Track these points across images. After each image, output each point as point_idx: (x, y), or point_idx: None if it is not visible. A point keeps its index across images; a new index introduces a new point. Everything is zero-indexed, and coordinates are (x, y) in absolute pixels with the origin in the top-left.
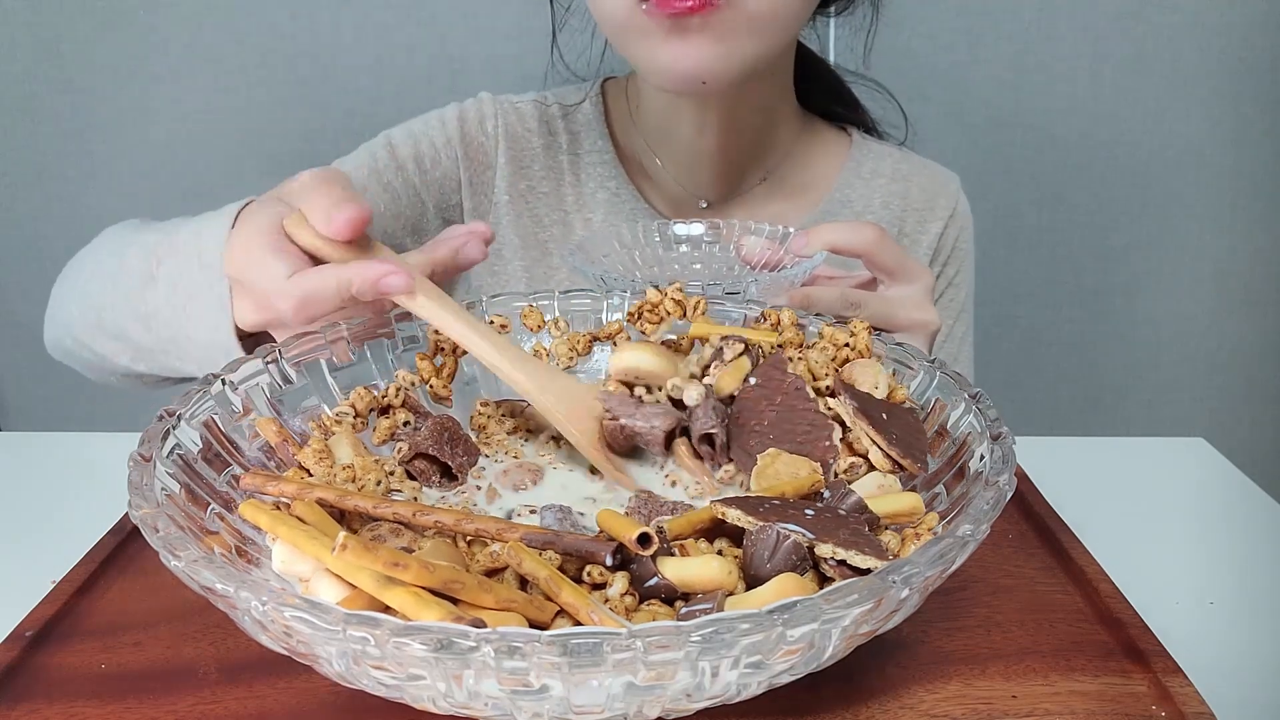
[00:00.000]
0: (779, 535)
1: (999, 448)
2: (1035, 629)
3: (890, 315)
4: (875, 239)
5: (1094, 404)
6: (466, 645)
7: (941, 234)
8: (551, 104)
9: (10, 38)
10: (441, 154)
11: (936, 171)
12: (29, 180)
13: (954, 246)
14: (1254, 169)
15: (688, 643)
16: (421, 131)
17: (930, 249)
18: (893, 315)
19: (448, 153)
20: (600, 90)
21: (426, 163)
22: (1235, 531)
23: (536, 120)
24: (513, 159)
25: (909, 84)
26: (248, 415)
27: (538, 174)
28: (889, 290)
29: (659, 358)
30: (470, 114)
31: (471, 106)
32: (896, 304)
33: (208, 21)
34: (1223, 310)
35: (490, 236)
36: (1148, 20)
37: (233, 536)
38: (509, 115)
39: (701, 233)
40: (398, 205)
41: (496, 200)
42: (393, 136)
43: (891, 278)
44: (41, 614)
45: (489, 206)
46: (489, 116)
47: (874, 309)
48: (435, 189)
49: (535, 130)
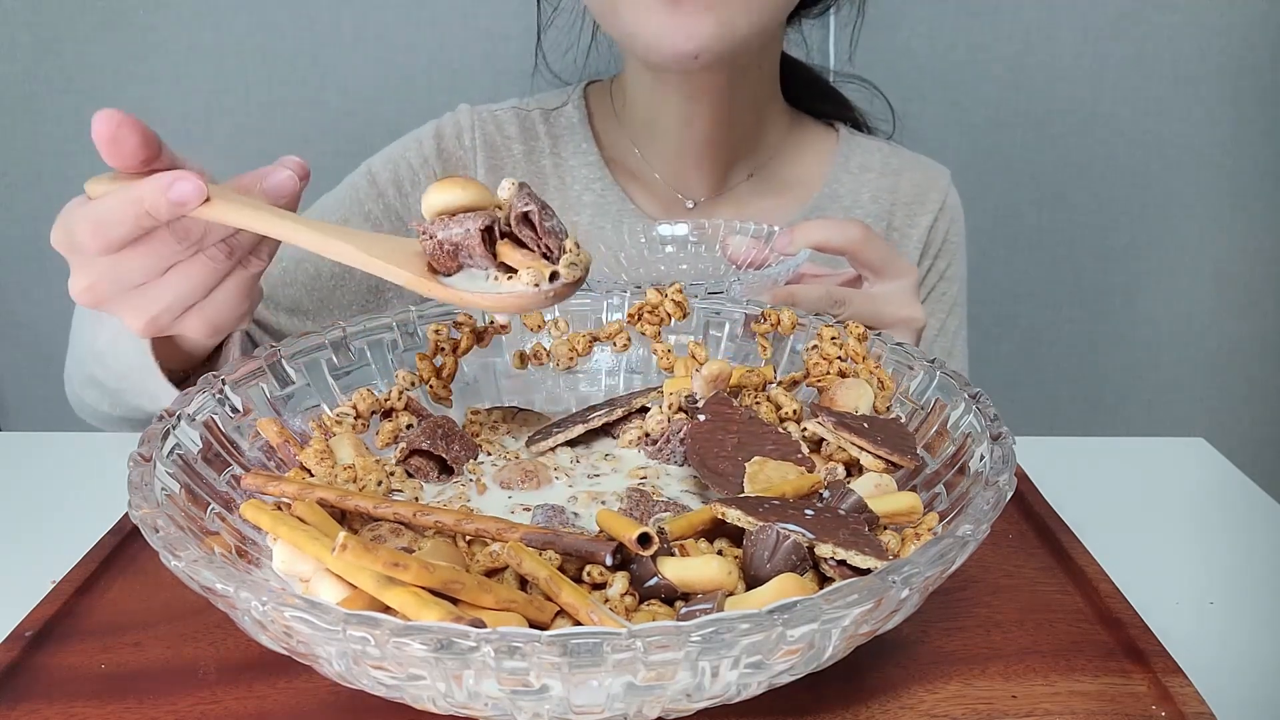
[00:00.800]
0: (779, 535)
1: (999, 448)
2: (1035, 629)
3: (876, 312)
4: (860, 236)
5: (1094, 404)
6: (466, 645)
7: (931, 227)
8: (532, 109)
9: (10, 38)
10: (419, 174)
11: (926, 165)
12: (29, 180)
13: (945, 239)
14: (1254, 169)
15: (688, 643)
16: (400, 155)
17: (920, 243)
18: (878, 312)
19: (425, 172)
20: (583, 94)
21: (406, 185)
22: (1235, 531)
23: (516, 127)
24: (492, 169)
25: (909, 84)
26: (248, 415)
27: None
28: (874, 287)
29: (467, 189)
30: (447, 130)
31: (449, 121)
32: (882, 301)
33: (208, 21)
34: (1223, 310)
35: (305, 169)
36: (1148, 20)
37: (233, 537)
38: (487, 125)
39: (686, 233)
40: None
41: None
42: (373, 165)
43: (877, 274)
44: (41, 614)
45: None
46: (466, 130)
47: (859, 306)
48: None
49: (515, 137)
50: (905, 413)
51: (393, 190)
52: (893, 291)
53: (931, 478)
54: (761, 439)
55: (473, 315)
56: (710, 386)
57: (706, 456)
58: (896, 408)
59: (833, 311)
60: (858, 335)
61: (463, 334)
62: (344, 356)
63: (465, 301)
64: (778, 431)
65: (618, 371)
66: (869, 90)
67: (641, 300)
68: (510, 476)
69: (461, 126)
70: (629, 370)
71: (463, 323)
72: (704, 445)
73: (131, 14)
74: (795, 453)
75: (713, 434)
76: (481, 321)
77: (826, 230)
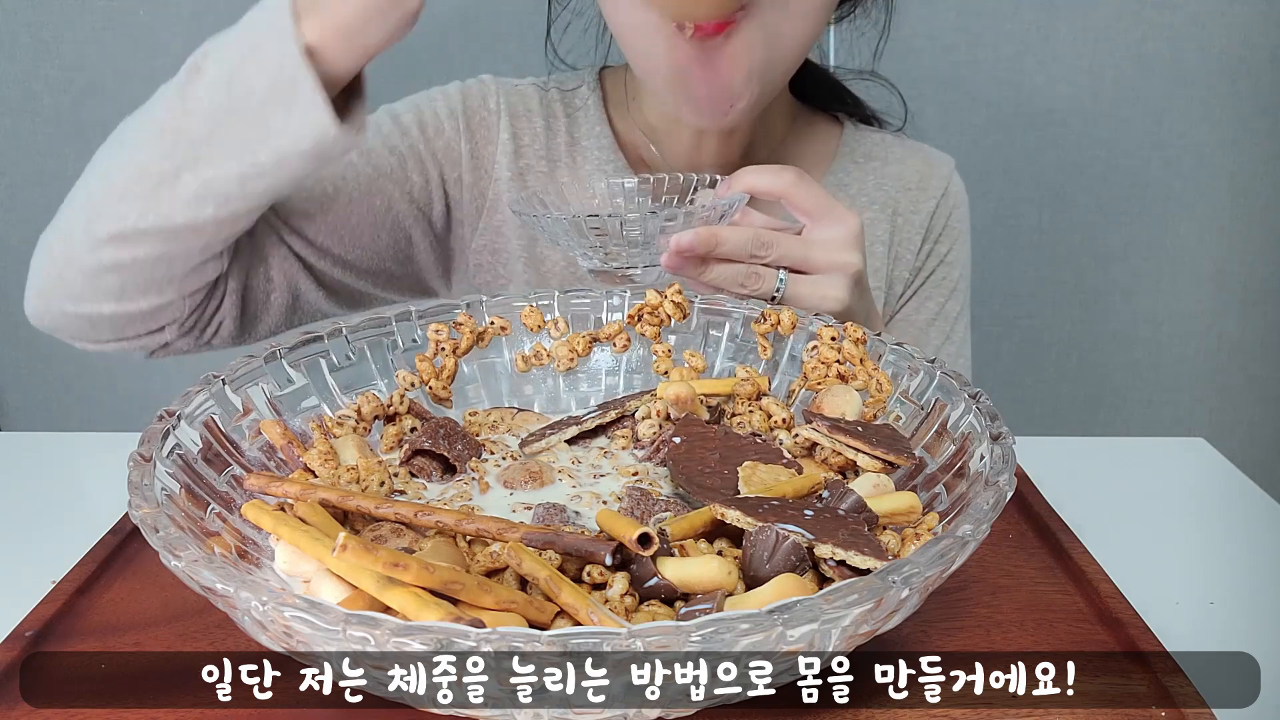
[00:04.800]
0: (778, 536)
1: (999, 448)
2: (1035, 629)
3: (805, 256)
4: (792, 180)
5: (1094, 404)
6: (466, 645)
7: (934, 212)
8: (550, 88)
9: (10, 38)
10: (445, 123)
11: (930, 154)
12: (29, 180)
13: (946, 224)
14: (1254, 169)
15: (688, 643)
16: (425, 103)
17: (923, 227)
18: (808, 256)
19: (451, 123)
20: (598, 78)
21: (430, 130)
22: (1235, 531)
23: (538, 102)
24: (515, 136)
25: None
26: (248, 415)
27: (537, 154)
28: (811, 233)
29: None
30: (473, 90)
31: (474, 84)
32: (815, 246)
33: (207, 21)
34: (1223, 310)
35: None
36: (1148, 20)
37: (233, 537)
38: (511, 95)
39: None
40: (405, 169)
41: (497, 176)
42: (394, 107)
43: (812, 219)
44: (41, 614)
45: (489, 183)
46: (491, 94)
47: (785, 249)
48: (439, 158)
49: (536, 111)
50: (906, 413)
51: (417, 131)
52: (829, 239)
53: (931, 478)
54: (743, 451)
55: (472, 316)
56: (679, 409)
57: (693, 475)
58: (896, 408)
59: (759, 253)
60: (855, 338)
61: (463, 334)
62: (344, 357)
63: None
64: (757, 442)
65: (618, 372)
66: (880, 87)
67: (641, 301)
68: (514, 476)
69: (487, 91)
70: (629, 371)
71: (463, 323)
72: (687, 465)
73: (131, 14)
74: (779, 459)
75: (692, 452)
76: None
77: (760, 175)
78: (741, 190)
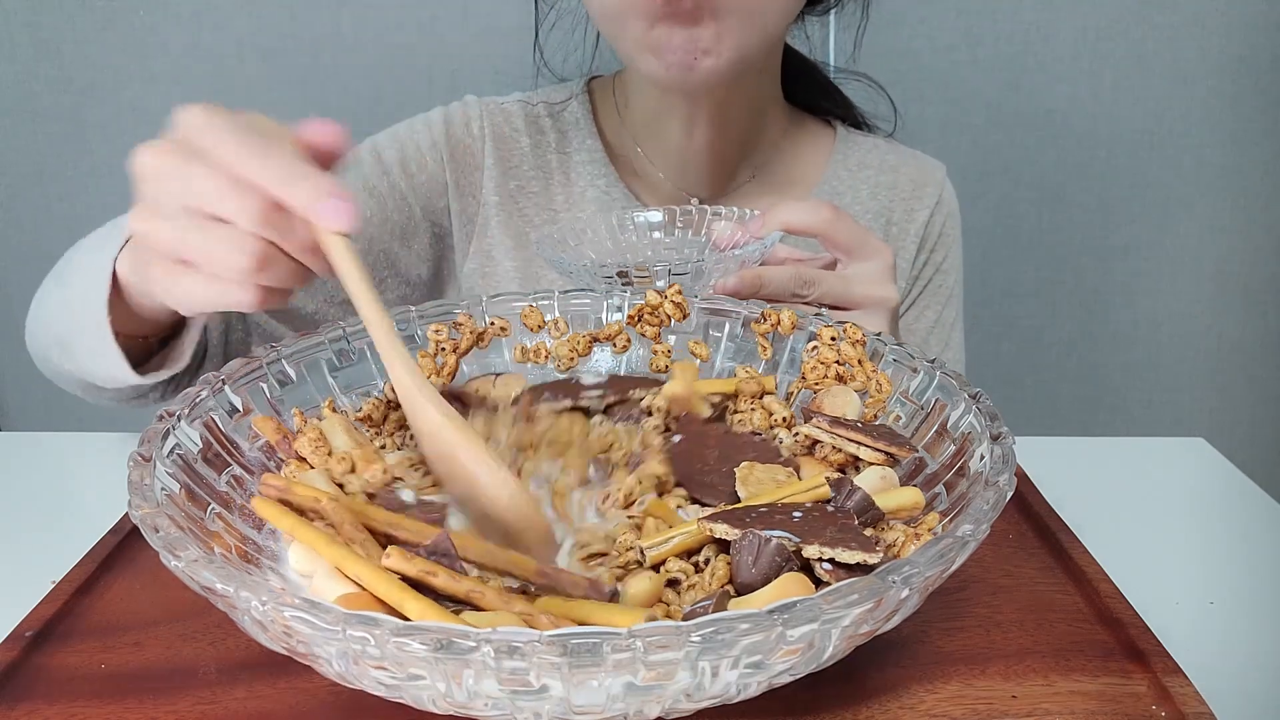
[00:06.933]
0: (761, 540)
1: (999, 448)
2: (1035, 629)
3: (846, 293)
4: (829, 217)
5: (1094, 404)
6: (466, 645)
7: (928, 221)
8: (537, 104)
9: (10, 38)
10: (427, 157)
11: (923, 160)
12: (29, 180)
13: (941, 233)
14: (1254, 169)
15: (688, 643)
16: (406, 135)
17: (918, 236)
18: (848, 292)
19: (433, 155)
20: (586, 89)
21: (412, 166)
22: (1235, 531)
23: (523, 120)
24: (500, 160)
25: (909, 84)
26: (248, 415)
27: (527, 174)
28: (847, 268)
29: None
30: (456, 116)
31: (457, 109)
32: (854, 281)
33: (208, 21)
34: (1223, 310)
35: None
36: (1148, 20)
37: (233, 537)
38: (495, 116)
39: (660, 219)
40: (384, 210)
41: (485, 201)
42: (378, 142)
43: (849, 255)
44: (41, 614)
45: (477, 208)
46: (474, 118)
47: (828, 287)
48: (422, 193)
49: (522, 130)
50: (906, 413)
51: (398, 170)
52: (865, 272)
53: (931, 478)
54: (742, 449)
55: (472, 316)
56: (678, 407)
57: (692, 473)
58: (896, 408)
59: (801, 292)
60: (854, 340)
61: (462, 335)
62: (344, 356)
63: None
64: (755, 441)
65: (618, 372)
66: (870, 89)
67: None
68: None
69: (470, 115)
70: (629, 371)
71: (462, 323)
72: (686, 463)
73: (131, 14)
74: (776, 458)
75: (692, 450)
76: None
77: (797, 212)
78: (777, 227)
